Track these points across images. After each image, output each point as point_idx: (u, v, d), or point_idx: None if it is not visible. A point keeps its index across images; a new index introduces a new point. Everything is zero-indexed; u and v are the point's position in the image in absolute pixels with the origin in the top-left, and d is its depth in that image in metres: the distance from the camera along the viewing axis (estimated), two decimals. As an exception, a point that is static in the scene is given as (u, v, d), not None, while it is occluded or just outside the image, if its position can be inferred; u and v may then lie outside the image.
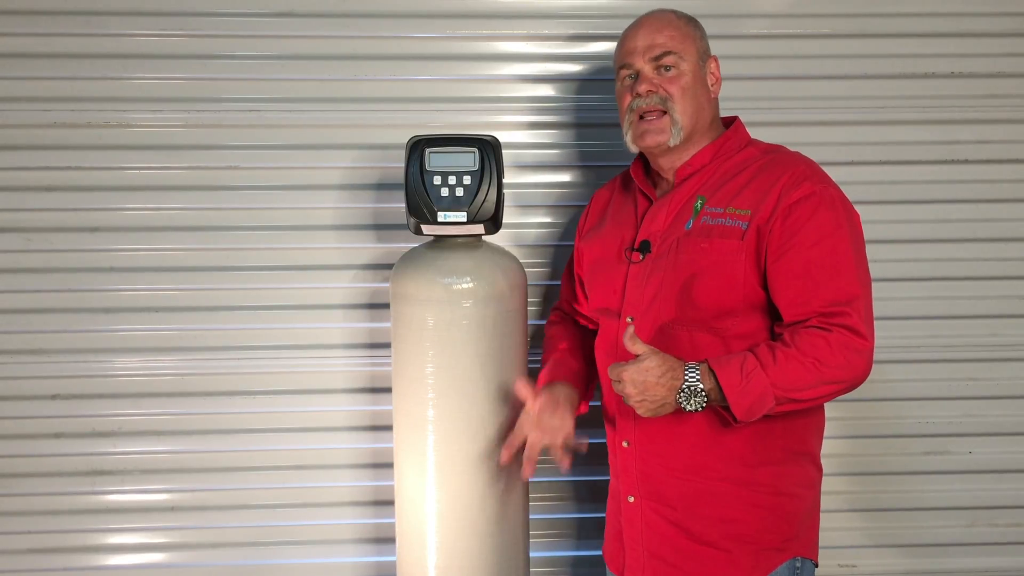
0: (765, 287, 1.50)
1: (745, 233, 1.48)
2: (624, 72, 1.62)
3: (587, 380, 1.77)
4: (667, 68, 1.57)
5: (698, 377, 1.42)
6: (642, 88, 1.57)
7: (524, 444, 1.64)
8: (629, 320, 1.57)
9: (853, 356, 1.42)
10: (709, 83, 1.61)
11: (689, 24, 1.62)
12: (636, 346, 1.42)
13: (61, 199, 2.01)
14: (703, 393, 1.41)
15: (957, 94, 2.08)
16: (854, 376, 1.44)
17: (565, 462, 1.61)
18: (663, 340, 1.53)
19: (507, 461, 1.66)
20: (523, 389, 1.65)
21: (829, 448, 1.66)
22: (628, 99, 1.60)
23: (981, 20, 2.08)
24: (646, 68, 1.58)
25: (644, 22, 1.62)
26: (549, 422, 1.62)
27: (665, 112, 1.56)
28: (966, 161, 2.10)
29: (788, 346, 1.42)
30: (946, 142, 2.09)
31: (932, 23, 2.07)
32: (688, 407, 1.42)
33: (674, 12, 1.63)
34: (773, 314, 1.52)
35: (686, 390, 1.41)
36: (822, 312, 1.44)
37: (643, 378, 1.41)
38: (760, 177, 1.53)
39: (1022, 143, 2.10)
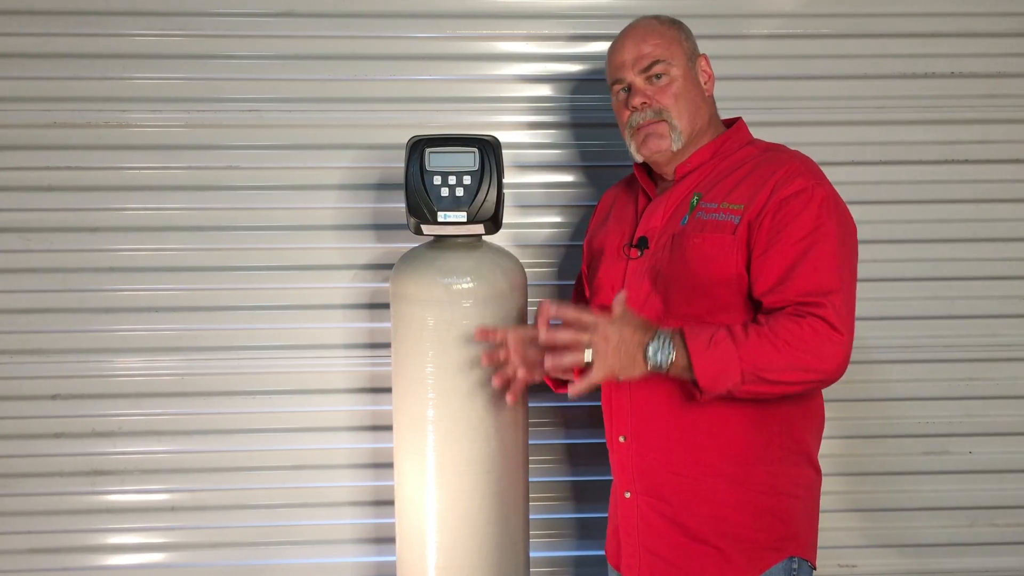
0: None
1: (737, 227, 1.49)
2: (617, 87, 1.63)
3: None
4: (658, 76, 1.58)
5: (669, 337, 1.40)
6: (636, 101, 1.58)
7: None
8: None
9: (826, 346, 1.40)
10: (702, 81, 1.62)
11: (672, 27, 1.63)
12: (620, 309, 1.41)
13: (61, 199, 2.01)
14: (670, 348, 1.39)
15: (957, 94, 2.08)
16: (827, 367, 1.42)
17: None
18: None
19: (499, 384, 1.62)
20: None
21: (828, 448, 1.66)
22: (627, 115, 1.61)
23: (981, 20, 2.08)
24: (637, 80, 1.59)
25: (628, 34, 1.63)
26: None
27: (663, 120, 1.57)
28: (966, 161, 2.09)
29: (761, 325, 1.42)
30: (946, 142, 2.09)
31: (932, 23, 2.07)
32: (655, 360, 1.39)
33: (656, 18, 1.64)
34: None
35: (655, 341, 1.39)
36: (797, 301, 1.43)
37: (617, 329, 1.38)
38: (755, 173, 1.53)
39: (1022, 143, 2.10)
